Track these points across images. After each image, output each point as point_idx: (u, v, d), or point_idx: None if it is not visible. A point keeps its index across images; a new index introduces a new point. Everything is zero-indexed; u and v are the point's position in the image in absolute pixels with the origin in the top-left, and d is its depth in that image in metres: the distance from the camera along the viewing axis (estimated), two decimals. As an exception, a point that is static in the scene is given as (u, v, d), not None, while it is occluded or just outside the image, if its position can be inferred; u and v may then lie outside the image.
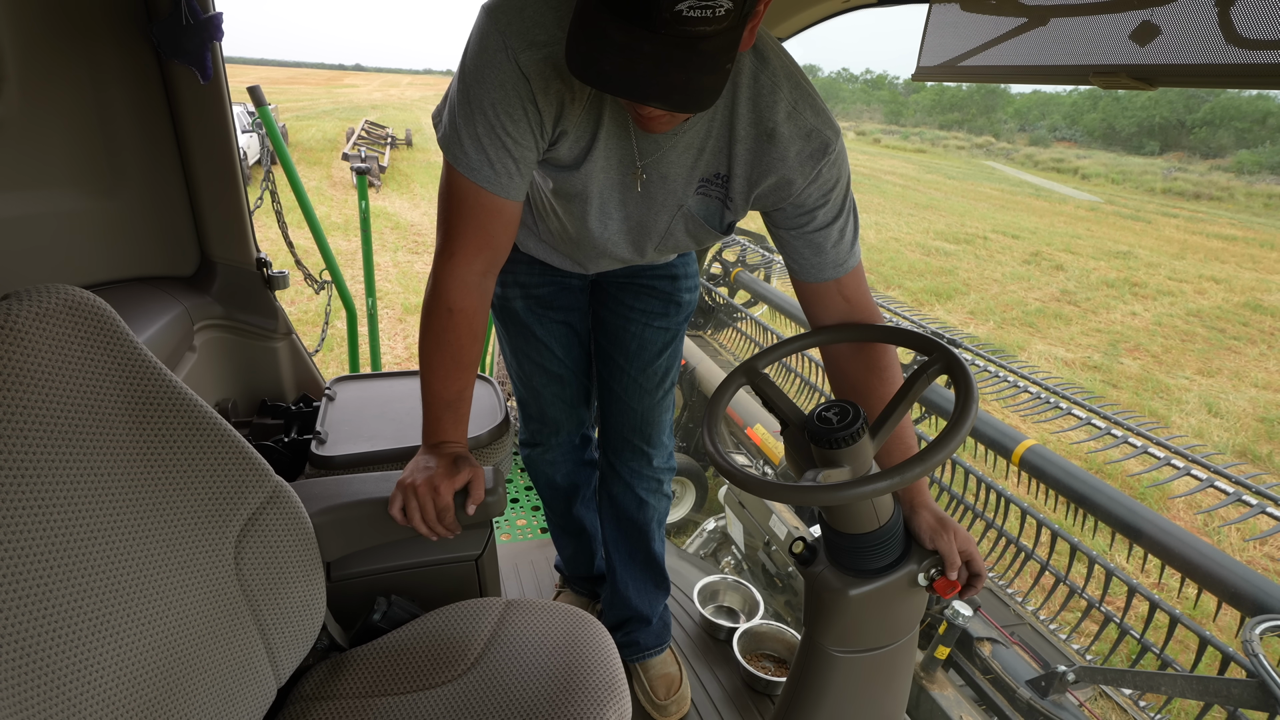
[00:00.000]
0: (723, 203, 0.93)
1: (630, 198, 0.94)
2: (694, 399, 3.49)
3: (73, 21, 1.11)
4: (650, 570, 1.47)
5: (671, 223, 0.97)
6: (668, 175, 0.90)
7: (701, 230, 0.98)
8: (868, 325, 0.94)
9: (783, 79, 0.82)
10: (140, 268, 1.36)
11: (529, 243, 1.17)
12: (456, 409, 0.96)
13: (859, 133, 48.49)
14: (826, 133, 0.83)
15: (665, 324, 1.24)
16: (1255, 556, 3.97)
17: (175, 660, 0.69)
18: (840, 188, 0.88)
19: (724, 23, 0.61)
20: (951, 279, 10.00)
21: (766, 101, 0.82)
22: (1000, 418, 2.64)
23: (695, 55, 0.62)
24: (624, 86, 0.64)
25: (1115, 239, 14.97)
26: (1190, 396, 6.47)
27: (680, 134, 0.85)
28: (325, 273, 2.01)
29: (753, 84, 0.82)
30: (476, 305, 0.92)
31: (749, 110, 0.83)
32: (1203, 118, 42.57)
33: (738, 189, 0.90)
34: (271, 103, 1.88)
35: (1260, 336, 8.72)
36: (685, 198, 0.93)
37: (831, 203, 0.88)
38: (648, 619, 1.48)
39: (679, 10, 0.58)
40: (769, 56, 0.82)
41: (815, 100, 0.84)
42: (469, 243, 0.88)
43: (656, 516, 1.42)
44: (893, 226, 13.67)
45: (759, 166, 0.86)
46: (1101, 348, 7.67)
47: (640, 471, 1.35)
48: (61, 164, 1.15)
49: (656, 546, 1.45)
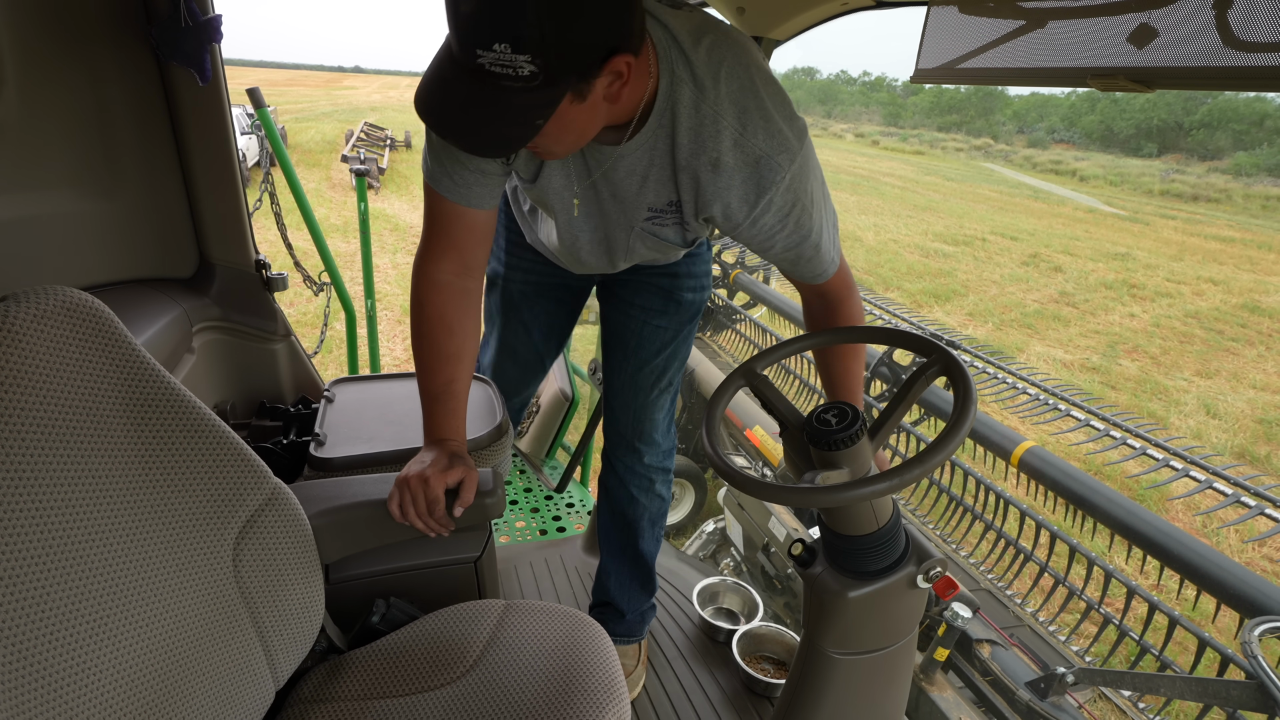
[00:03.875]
0: (680, 225, 0.95)
1: (592, 211, 0.98)
2: (693, 401, 3.49)
3: (71, 23, 1.11)
4: (636, 568, 1.47)
5: (630, 240, 1.00)
6: (618, 194, 0.93)
7: (665, 245, 1.01)
8: (868, 327, 0.95)
9: (727, 107, 0.81)
10: (139, 269, 1.36)
11: (531, 235, 1.21)
12: (446, 403, 0.98)
13: (858, 135, 48.56)
14: (778, 159, 0.81)
15: (664, 322, 1.23)
16: (1254, 558, 3.98)
17: (173, 663, 0.68)
18: (799, 211, 0.86)
19: (531, 83, 0.64)
20: (950, 280, 10.01)
21: (709, 132, 0.81)
22: (999, 419, 2.64)
23: (503, 107, 0.66)
24: (432, 118, 0.69)
25: (1113, 241, 15.00)
26: (1188, 398, 6.48)
27: (622, 157, 0.87)
28: (324, 274, 2.01)
29: (693, 115, 0.82)
30: (447, 301, 0.96)
31: (690, 141, 0.83)
32: (1200, 120, 42.68)
33: (689, 214, 0.91)
34: (271, 104, 1.88)
35: (1258, 338, 8.74)
36: (636, 220, 0.96)
37: (790, 227, 0.87)
38: (622, 612, 1.49)
39: (481, 64, 0.62)
40: (708, 86, 0.80)
41: (771, 123, 0.81)
42: (435, 245, 0.94)
43: (647, 515, 1.42)
44: (891, 228, 13.69)
45: (703, 195, 0.86)
46: (1100, 349, 7.68)
47: (632, 468, 1.37)
48: (60, 166, 1.15)
49: (645, 545, 1.46)
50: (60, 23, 1.10)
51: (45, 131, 1.11)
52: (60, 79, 1.12)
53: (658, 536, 1.48)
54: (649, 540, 1.46)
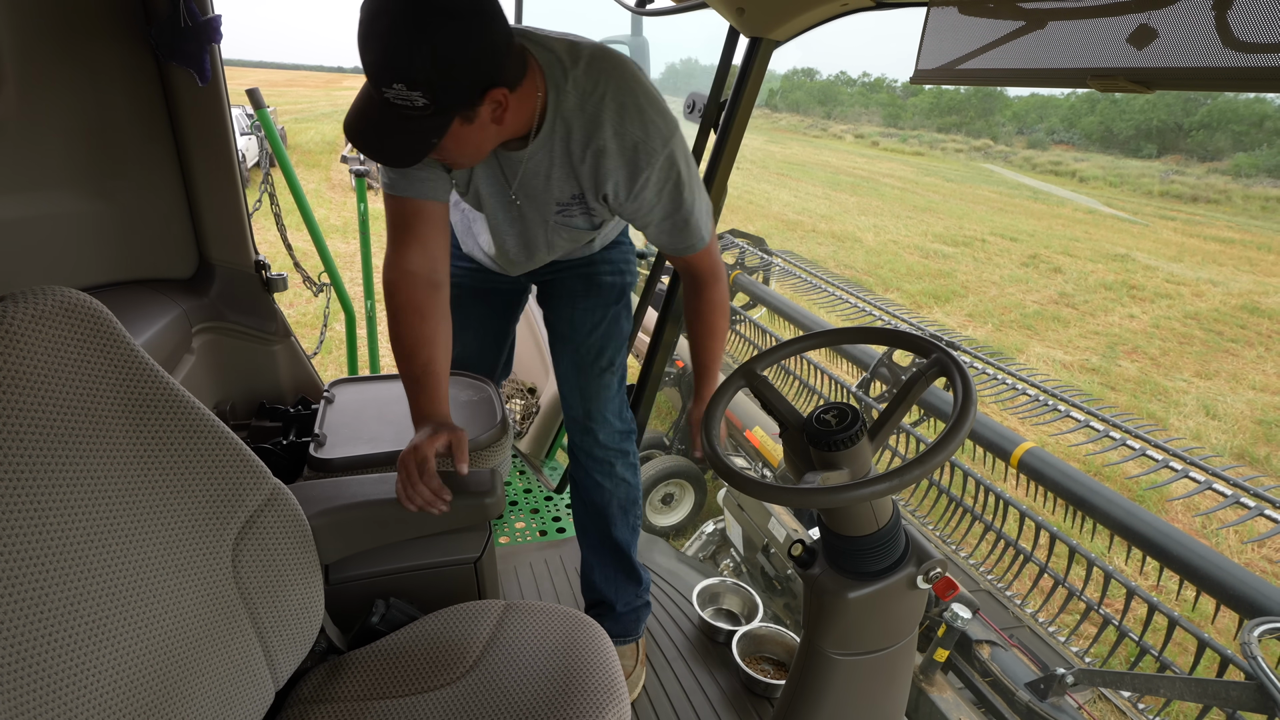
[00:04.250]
0: (586, 213, 1.12)
1: (513, 214, 1.16)
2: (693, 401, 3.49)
3: (71, 24, 1.11)
4: (617, 559, 1.50)
5: (549, 234, 1.18)
6: (530, 193, 1.10)
7: (578, 233, 1.19)
8: (868, 328, 0.96)
9: (609, 102, 0.98)
10: (138, 270, 1.36)
11: (469, 244, 1.39)
12: (426, 385, 1.07)
13: (857, 135, 48.57)
14: (653, 144, 0.99)
15: (590, 304, 1.36)
16: (1254, 559, 3.97)
17: (172, 664, 0.68)
18: (671, 187, 1.03)
19: (425, 111, 0.82)
20: (950, 281, 10.02)
21: (593, 127, 0.98)
22: (999, 420, 2.64)
23: (405, 130, 0.85)
24: (357, 139, 0.87)
25: (1113, 242, 15.00)
26: (1188, 399, 6.48)
27: (527, 160, 1.04)
28: (324, 275, 2.01)
29: (579, 115, 0.98)
30: (415, 288, 1.07)
31: (581, 134, 0.99)
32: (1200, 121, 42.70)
33: (591, 199, 1.08)
34: (270, 105, 1.89)
35: (1258, 339, 8.74)
36: (548, 214, 1.13)
37: (665, 201, 1.05)
38: (613, 606, 1.51)
39: (387, 98, 0.81)
40: (588, 91, 0.97)
41: (644, 115, 0.99)
42: (400, 241, 1.07)
43: (616, 501, 1.46)
44: (891, 229, 13.70)
45: (598, 179, 1.03)
46: (1099, 350, 7.68)
47: (591, 452, 1.42)
48: (60, 166, 1.15)
49: (620, 533, 1.48)
50: (60, 23, 1.10)
51: (45, 131, 1.11)
52: (60, 79, 1.11)
53: (633, 525, 1.51)
54: (623, 528, 1.49)
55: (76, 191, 1.19)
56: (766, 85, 1.54)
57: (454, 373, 1.59)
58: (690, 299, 1.23)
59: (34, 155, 1.10)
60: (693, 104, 1.53)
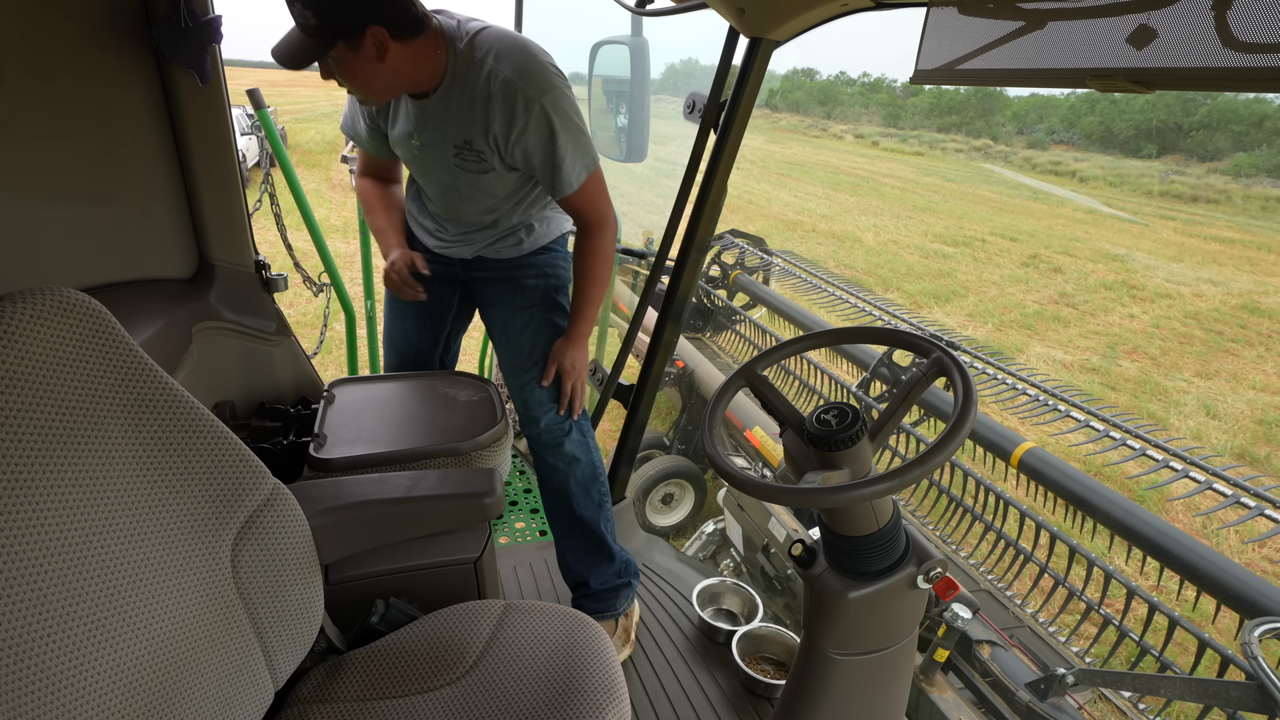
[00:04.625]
0: (478, 158, 1.31)
1: (426, 160, 1.38)
2: (693, 402, 3.49)
3: (72, 24, 1.11)
4: (585, 535, 1.56)
5: (453, 178, 1.37)
6: (436, 141, 1.32)
7: (479, 180, 1.35)
8: (868, 328, 0.96)
9: (496, 61, 1.20)
10: (138, 270, 1.36)
11: (413, 226, 1.60)
12: (384, 233, 1.54)
13: (857, 136, 48.55)
14: (528, 91, 1.19)
15: (517, 307, 1.50)
16: (1254, 559, 3.97)
17: (171, 664, 0.68)
18: (544, 136, 1.23)
19: (315, 29, 1.08)
20: (950, 281, 10.02)
21: (483, 80, 1.20)
22: (999, 420, 2.64)
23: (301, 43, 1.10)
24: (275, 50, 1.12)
25: (1113, 242, 15.00)
26: (1188, 399, 6.48)
27: (430, 108, 1.28)
28: (324, 275, 2.01)
29: (471, 69, 1.21)
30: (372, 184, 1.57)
31: (473, 86, 1.22)
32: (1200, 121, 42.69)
33: (481, 144, 1.28)
34: (271, 105, 1.89)
35: (1258, 339, 8.74)
36: (448, 156, 1.32)
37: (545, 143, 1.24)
38: (588, 583, 1.57)
39: (294, 14, 1.08)
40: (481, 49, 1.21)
41: (526, 67, 1.20)
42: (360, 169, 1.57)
43: (572, 478, 1.53)
44: (891, 229, 13.69)
45: (485, 122, 1.24)
46: (1100, 350, 7.68)
47: (539, 439, 1.51)
48: (59, 166, 1.15)
49: (582, 510, 1.54)
50: (60, 23, 1.09)
51: (45, 131, 1.11)
52: (60, 80, 1.11)
53: (597, 502, 1.56)
54: (586, 505, 1.54)
55: (76, 191, 1.19)
56: (766, 85, 1.54)
57: (454, 372, 1.60)
58: (576, 242, 1.41)
59: (34, 155, 1.10)
60: (693, 104, 1.53)
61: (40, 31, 1.06)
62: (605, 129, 1.84)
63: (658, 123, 1.95)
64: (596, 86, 1.85)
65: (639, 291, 3.82)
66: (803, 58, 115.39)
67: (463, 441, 1.29)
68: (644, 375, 1.81)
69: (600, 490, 1.57)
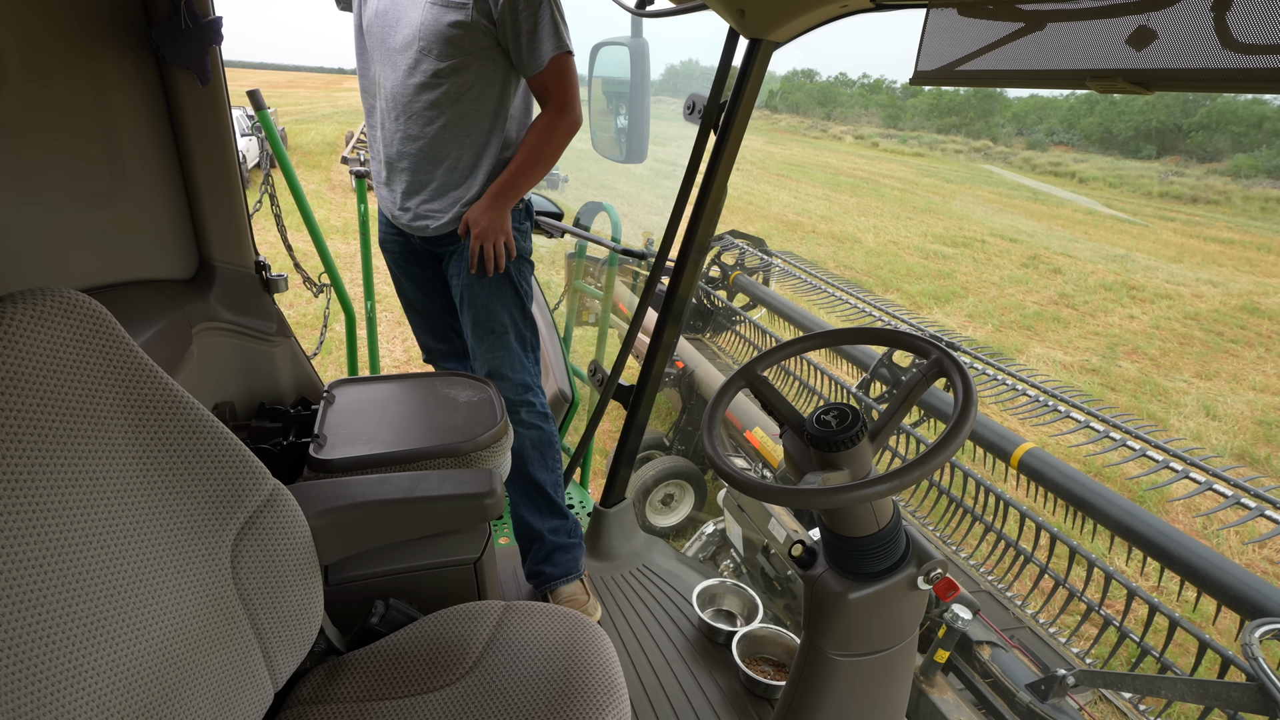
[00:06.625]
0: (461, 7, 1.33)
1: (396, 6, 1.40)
2: (693, 402, 3.49)
3: (72, 24, 1.11)
4: (538, 493, 1.66)
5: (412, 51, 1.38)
6: None
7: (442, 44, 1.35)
8: (868, 329, 0.96)
9: None
10: (138, 270, 1.36)
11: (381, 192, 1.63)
12: None
13: (857, 136, 48.56)
14: None
15: (470, 279, 1.55)
16: (1254, 559, 3.97)
17: (171, 665, 0.68)
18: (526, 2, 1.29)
19: None
20: (950, 282, 10.02)
21: None
22: (999, 421, 2.64)
23: None
24: None
25: (1113, 242, 15.00)
26: (1188, 399, 6.48)
27: None
28: (324, 276, 2.01)
29: None
30: None
31: None
32: (1199, 122, 42.71)
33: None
34: (271, 106, 1.90)
35: (1258, 339, 8.74)
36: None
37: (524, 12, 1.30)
38: (543, 537, 1.66)
39: None
40: None
41: None
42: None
43: (529, 443, 1.62)
44: (891, 230, 13.70)
45: None
46: (1100, 351, 7.68)
47: None
48: (59, 166, 1.15)
49: (536, 472, 1.64)
50: (60, 24, 1.10)
51: (45, 132, 1.11)
52: (60, 80, 1.11)
53: (551, 468, 1.67)
54: (540, 469, 1.64)
55: (76, 192, 1.19)
56: (766, 86, 1.54)
57: (454, 373, 1.60)
58: (536, 119, 1.44)
59: (34, 155, 1.10)
60: (693, 105, 1.53)
61: (41, 33, 1.06)
62: (605, 130, 1.84)
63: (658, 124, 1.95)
64: (596, 87, 1.85)
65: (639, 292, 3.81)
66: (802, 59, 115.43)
67: (462, 442, 1.29)
68: (644, 376, 1.81)
69: (554, 457, 1.68)
